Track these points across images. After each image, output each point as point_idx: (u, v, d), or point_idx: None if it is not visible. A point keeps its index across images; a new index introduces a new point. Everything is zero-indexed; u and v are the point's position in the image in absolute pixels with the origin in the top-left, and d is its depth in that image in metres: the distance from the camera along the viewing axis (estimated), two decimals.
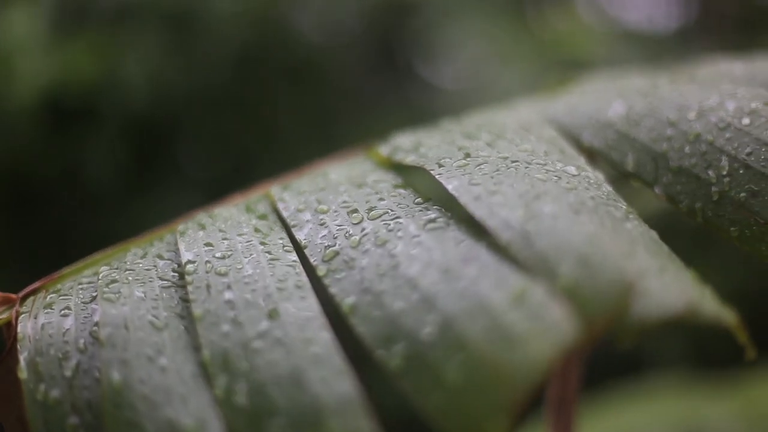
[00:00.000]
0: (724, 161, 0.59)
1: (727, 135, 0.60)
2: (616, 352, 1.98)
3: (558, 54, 2.33)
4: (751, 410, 1.40)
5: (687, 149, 0.61)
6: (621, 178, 0.64)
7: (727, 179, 0.59)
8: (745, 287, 2.09)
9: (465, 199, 0.54)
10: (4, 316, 0.60)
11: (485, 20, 2.47)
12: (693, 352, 2.23)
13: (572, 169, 0.57)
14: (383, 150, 0.67)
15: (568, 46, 2.34)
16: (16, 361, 0.57)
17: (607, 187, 0.57)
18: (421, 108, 2.46)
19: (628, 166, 0.63)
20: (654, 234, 0.53)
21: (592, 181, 0.56)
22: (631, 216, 0.54)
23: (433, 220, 0.55)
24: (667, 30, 2.82)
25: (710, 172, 0.59)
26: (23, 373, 0.54)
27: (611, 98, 0.68)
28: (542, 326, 0.45)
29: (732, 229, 0.57)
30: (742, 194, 0.58)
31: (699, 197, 0.60)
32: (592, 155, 0.65)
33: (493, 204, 0.52)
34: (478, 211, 0.52)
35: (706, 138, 0.61)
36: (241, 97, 2.46)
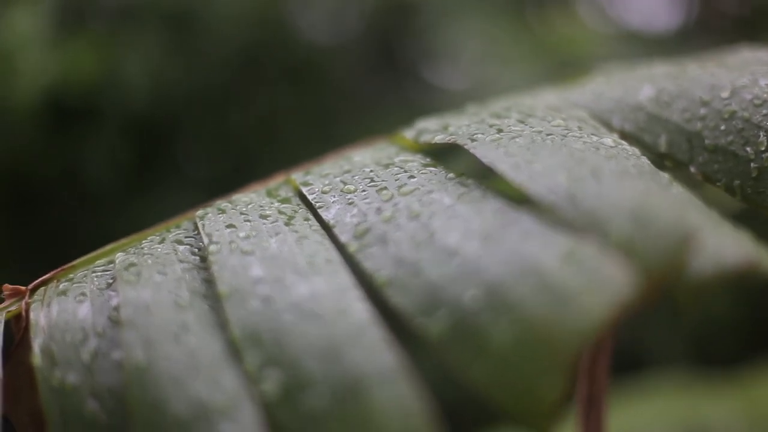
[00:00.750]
0: (762, 137, 0.58)
1: (764, 111, 0.59)
2: (617, 350, 1.95)
3: (559, 54, 2.33)
4: (752, 409, 1.39)
5: (723, 127, 0.60)
6: (653, 161, 0.62)
7: (766, 155, 0.57)
8: (752, 289, 2.08)
9: (503, 167, 0.51)
10: (14, 308, 0.58)
11: (486, 20, 2.47)
12: (694, 350, 2.20)
13: (609, 141, 0.56)
14: (408, 134, 0.65)
15: (569, 46, 2.34)
16: (27, 353, 0.54)
17: (646, 159, 0.55)
18: (422, 108, 2.44)
19: (662, 148, 0.61)
20: (700, 201, 0.51)
21: (630, 153, 0.55)
22: (674, 184, 0.52)
23: (467, 192, 0.52)
24: (667, 30, 2.83)
25: (748, 149, 0.58)
26: (37, 359, 0.51)
27: (639, 83, 0.66)
28: (596, 281, 0.42)
29: None
30: None
31: (737, 174, 0.58)
32: (623, 139, 0.63)
33: (534, 172, 0.50)
34: (518, 178, 0.50)
35: (742, 115, 0.59)
36: (241, 97, 2.45)
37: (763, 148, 0.57)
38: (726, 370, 1.57)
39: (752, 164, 0.57)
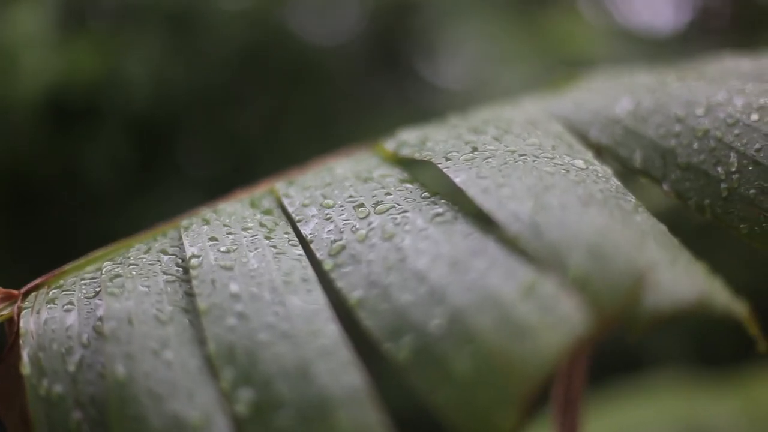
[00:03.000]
0: (733, 157, 0.59)
1: (736, 131, 0.60)
2: (617, 349, 1.97)
3: (559, 54, 2.32)
4: (753, 408, 1.40)
5: (695, 145, 0.61)
6: (628, 175, 0.64)
7: (736, 176, 0.58)
8: (752, 286, 2.08)
9: (473, 191, 0.53)
10: (6, 312, 0.60)
11: (486, 20, 2.47)
12: (694, 349, 2.22)
13: (580, 163, 0.57)
14: (389, 145, 0.67)
15: (569, 46, 2.34)
16: (19, 357, 0.56)
17: (616, 181, 0.56)
18: (422, 108, 2.46)
19: (636, 163, 0.63)
20: (663, 227, 0.53)
21: (600, 175, 0.56)
22: (640, 209, 0.53)
23: (440, 214, 0.54)
24: (667, 30, 2.81)
25: (719, 169, 0.59)
26: (26, 369, 0.53)
27: (618, 94, 0.67)
28: (553, 318, 0.44)
29: (742, 226, 0.57)
30: (752, 191, 0.57)
31: (708, 194, 0.59)
32: (599, 151, 0.64)
33: (502, 196, 0.52)
34: (486, 203, 0.52)
35: (714, 134, 0.60)
36: (241, 97, 2.46)
37: (733, 169, 0.58)
38: (726, 370, 1.57)
39: (722, 184, 0.58)
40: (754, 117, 0.60)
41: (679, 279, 0.46)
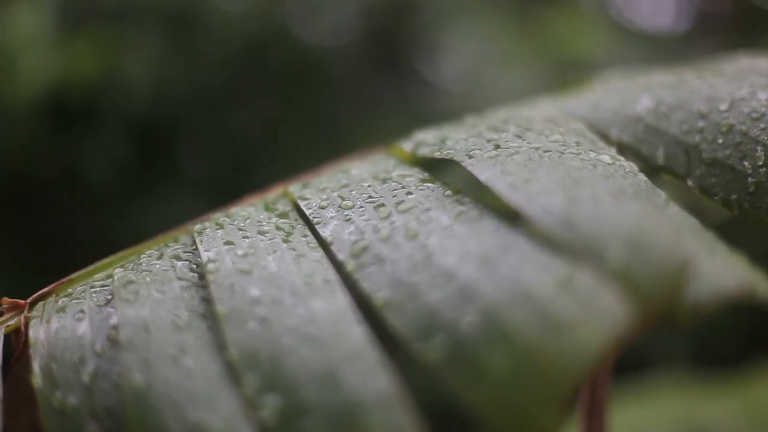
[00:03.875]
0: (760, 151, 0.58)
1: (762, 125, 0.59)
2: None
3: (560, 54, 2.32)
4: (753, 409, 1.40)
5: (720, 140, 0.60)
6: (650, 173, 0.62)
7: (763, 170, 0.57)
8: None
9: (500, 187, 0.51)
10: (13, 322, 0.58)
11: (487, 20, 2.47)
12: (694, 350, 2.21)
13: (606, 158, 0.56)
14: (406, 146, 0.65)
15: (570, 46, 2.34)
16: (27, 368, 0.54)
17: (643, 177, 0.55)
18: (423, 108, 2.46)
19: (659, 160, 0.61)
20: (695, 220, 0.51)
21: (627, 170, 0.55)
22: (671, 203, 0.52)
23: (465, 212, 0.52)
24: (668, 31, 2.82)
25: (746, 163, 0.58)
26: (37, 380, 0.51)
27: (637, 93, 0.66)
28: (592, 312, 0.43)
29: None
30: None
31: (734, 189, 0.58)
32: (620, 150, 0.63)
33: (530, 192, 0.50)
34: (514, 198, 0.50)
35: (739, 128, 0.59)
36: (242, 96, 2.45)
37: (760, 163, 0.57)
38: (726, 370, 1.57)
39: (749, 179, 0.57)
40: None
41: (720, 269, 0.45)
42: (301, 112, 2.49)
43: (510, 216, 0.51)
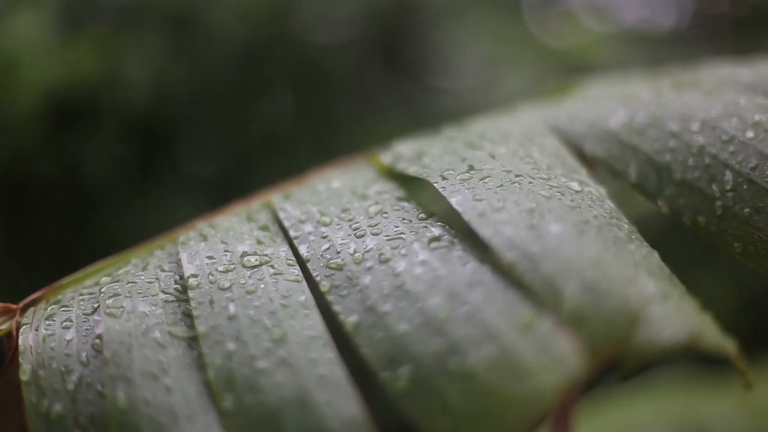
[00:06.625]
0: (728, 175, 0.59)
1: (731, 148, 0.60)
2: None
3: (559, 55, 2.32)
4: (752, 406, 1.40)
5: (691, 162, 0.61)
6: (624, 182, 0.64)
7: (730, 194, 0.58)
8: (754, 289, 2.10)
9: (469, 216, 0.53)
10: (5, 326, 0.60)
11: (487, 21, 2.46)
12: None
13: (575, 185, 0.57)
14: (385, 158, 0.67)
15: (570, 47, 2.33)
16: (17, 372, 0.57)
17: (610, 204, 0.56)
18: (423, 109, 2.46)
19: (631, 177, 0.63)
20: (656, 255, 0.53)
21: (594, 198, 0.56)
22: (633, 236, 0.54)
23: (437, 238, 0.54)
24: (666, 31, 2.80)
25: (714, 186, 0.59)
26: (26, 387, 0.54)
27: (614, 106, 0.67)
28: (549, 358, 0.45)
29: (735, 244, 0.57)
30: (746, 210, 0.57)
31: (702, 211, 0.59)
32: (594, 164, 0.64)
33: (498, 221, 0.52)
34: (482, 229, 0.52)
35: (709, 151, 0.61)
36: (242, 97, 2.44)
37: (728, 187, 0.59)
38: (725, 370, 1.57)
39: (717, 202, 0.59)
40: (750, 134, 0.60)
41: (671, 315, 0.47)
42: (302, 112, 2.49)
43: (480, 240, 0.53)
